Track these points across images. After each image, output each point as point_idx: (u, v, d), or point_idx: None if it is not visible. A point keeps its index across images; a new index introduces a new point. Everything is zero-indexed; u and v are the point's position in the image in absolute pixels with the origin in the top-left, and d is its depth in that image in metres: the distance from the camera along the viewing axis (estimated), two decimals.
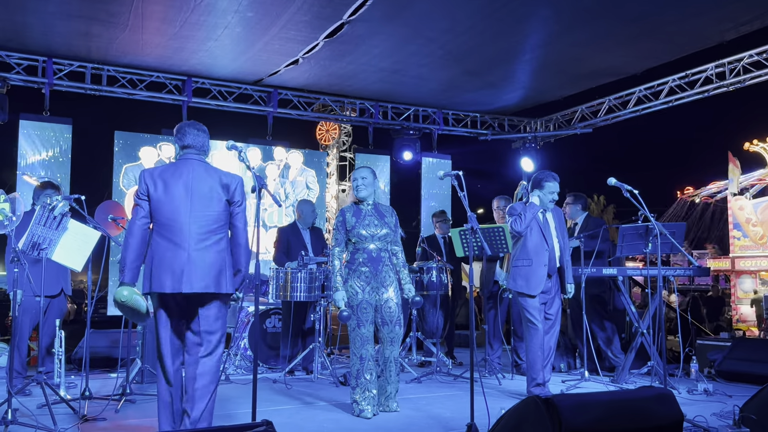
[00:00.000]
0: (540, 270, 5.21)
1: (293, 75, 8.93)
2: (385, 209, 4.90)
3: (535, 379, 5.21)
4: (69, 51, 8.15)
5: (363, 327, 4.68)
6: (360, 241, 4.74)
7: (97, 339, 6.71)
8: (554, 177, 5.33)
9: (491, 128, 11.18)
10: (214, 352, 3.62)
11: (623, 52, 8.25)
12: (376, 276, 4.72)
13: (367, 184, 4.81)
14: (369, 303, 4.69)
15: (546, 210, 5.35)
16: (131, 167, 8.82)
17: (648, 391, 3.26)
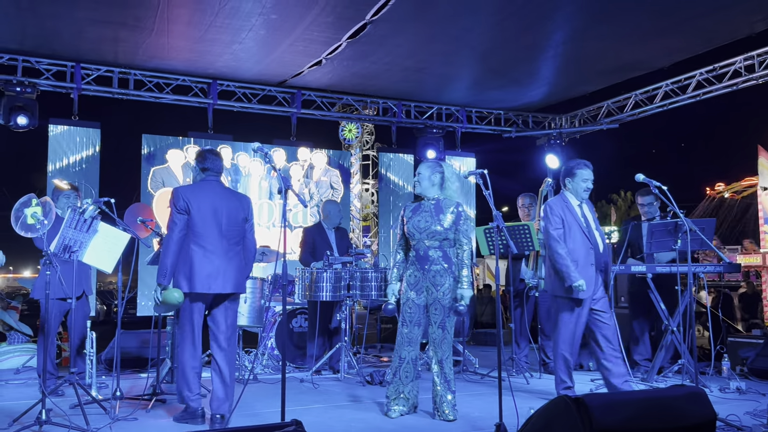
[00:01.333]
0: (588, 270, 4.90)
1: (316, 76, 8.96)
2: (447, 205, 4.59)
3: (565, 382, 5.03)
4: (97, 56, 8.28)
5: (406, 327, 4.55)
6: (412, 236, 4.58)
7: (127, 339, 6.81)
8: (586, 164, 5.03)
9: (515, 125, 11.12)
10: (234, 336, 4.53)
11: (649, 46, 8.14)
12: (425, 275, 4.52)
13: (422, 179, 4.61)
14: (415, 303, 4.53)
15: (582, 202, 5.06)
16: (159, 170, 8.93)
17: (680, 390, 3.22)
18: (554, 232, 4.95)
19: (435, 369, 4.59)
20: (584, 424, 2.70)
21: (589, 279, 4.87)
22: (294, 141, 9.91)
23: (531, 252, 6.44)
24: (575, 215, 4.97)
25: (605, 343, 4.93)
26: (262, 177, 9.65)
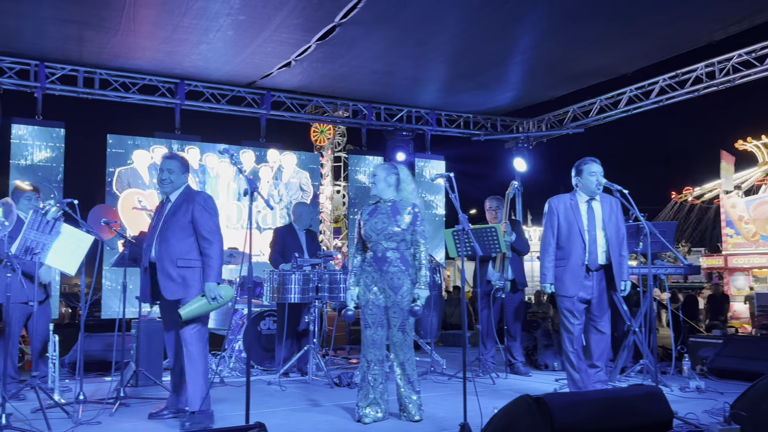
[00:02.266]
0: (576, 268, 4.88)
1: (286, 77, 8.95)
2: (402, 206, 4.55)
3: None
4: (61, 55, 8.15)
5: (369, 329, 4.51)
6: (368, 239, 4.53)
7: (91, 343, 6.71)
8: (592, 159, 4.96)
9: (484, 129, 11.23)
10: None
11: (614, 53, 8.30)
12: (383, 277, 4.47)
13: (377, 181, 4.57)
14: (376, 304, 4.49)
15: (593, 198, 4.95)
16: (124, 171, 8.82)
17: (638, 390, 3.30)
18: (544, 232, 5.06)
19: (398, 371, 4.57)
20: (545, 423, 2.76)
21: (576, 280, 4.85)
22: (263, 142, 9.88)
23: (498, 254, 6.51)
24: (577, 214, 4.92)
25: (589, 351, 4.97)
26: (230, 178, 9.59)
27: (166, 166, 4.39)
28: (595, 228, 4.89)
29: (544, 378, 6.44)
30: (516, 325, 6.79)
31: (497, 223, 6.59)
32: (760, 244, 17.79)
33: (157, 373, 6.05)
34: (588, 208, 4.94)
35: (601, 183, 4.88)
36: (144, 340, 6.01)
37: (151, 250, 4.36)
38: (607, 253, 4.88)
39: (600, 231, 4.90)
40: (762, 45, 8.29)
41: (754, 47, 8.36)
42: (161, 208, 4.51)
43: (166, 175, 4.37)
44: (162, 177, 4.38)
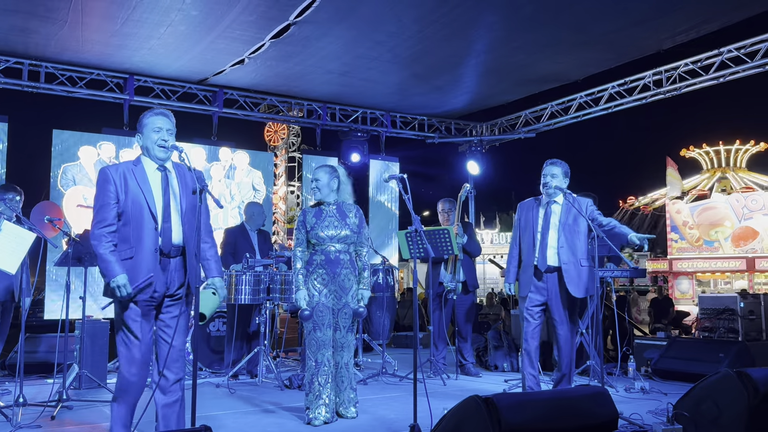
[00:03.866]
0: (529, 270, 4.95)
1: (239, 75, 8.83)
2: (348, 209, 4.68)
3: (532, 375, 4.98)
4: (5, 46, 7.87)
5: (319, 330, 4.51)
6: (319, 242, 4.56)
7: (32, 344, 6.49)
8: (552, 161, 4.97)
9: (438, 131, 11.30)
10: None
11: (565, 59, 8.46)
12: (334, 279, 4.55)
13: (321, 186, 4.64)
14: (326, 306, 4.54)
15: (553, 201, 4.97)
16: (70, 166, 8.56)
17: (585, 390, 3.35)
18: (512, 235, 5.18)
19: (342, 372, 4.63)
20: (493, 423, 2.78)
21: (529, 281, 4.94)
22: (215, 140, 9.73)
23: (450, 256, 6.55)
24: (535, 216, 5.00)
25: (555, 351, 5.06)
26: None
27: (166, 125, 3.58)
28: (549, 229, 4.92)
29: (494, 379, 6.51)
30: (467, 326, 6.85)
31: (450, 225, 6.63)
32: (704, 249, 18.39)
33: (101, 375, 5.89)
34: (546, 211, 4.98)
35: (547, 185, 4.92)
36: (88, 341, 5.84)
37: (172, 231, 3.53)
38: (558, 256, 4.89)
39: (553, 232, 4.91)
40: (707, 55, 8.55)
41: (700, 57, 8.62)
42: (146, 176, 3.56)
43: (167, 135, 3.56)
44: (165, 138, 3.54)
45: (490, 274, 23.85)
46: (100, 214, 3.45)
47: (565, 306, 4.93)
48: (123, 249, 3.43)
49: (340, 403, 4.63)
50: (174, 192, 3.57)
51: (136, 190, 3.46)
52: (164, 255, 3.48)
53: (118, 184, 3.45)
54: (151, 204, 3.46)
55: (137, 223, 3.44)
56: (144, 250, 3.43)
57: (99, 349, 5.96)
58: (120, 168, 3.52)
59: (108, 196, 3.44)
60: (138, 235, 3.43)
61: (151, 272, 3.44)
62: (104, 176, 3.47)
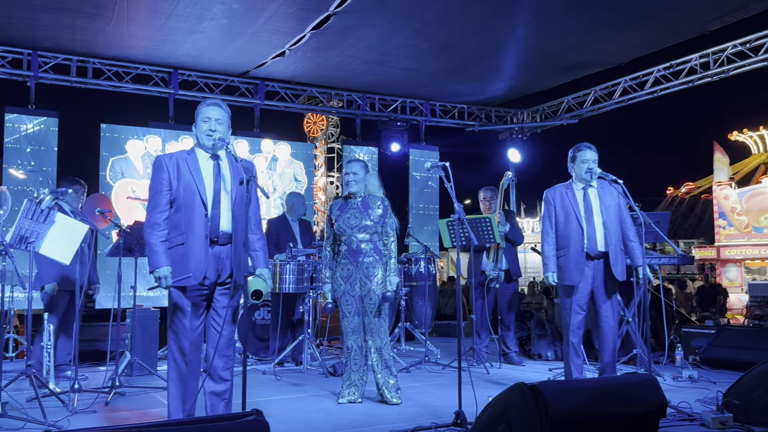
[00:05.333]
0: (577, 257, 4.82)
1: (280, 67, 8.91)
2: (372, 200, 4.81)
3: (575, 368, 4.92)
4: (54, 44, 8.09)
5: (346, 318, 4.77)
6: (342, 234, 4.76)
7: (85, 332, 6.71)
8: (587, 145, 4.91)
9: (478, 119, 11.23)
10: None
11: (609, 43, 8.30)
12: (358, 267, 4.71)
13: (358, 179, 4.79)
14: (351, 295, 4.73)
15: (589, 185, 4.93)
16: (118, 160, 8.79)
17: (633, 378, 3.32)
18: (542, 223, 5.07)
19: (374, 357, 4.76)
20: (540, 411, 2.78)
21: (577, 268, 4.81)
22: (257, 132, 9.85)
23: (492, 244, 6.53)
24: (573, 202, 4.90)
25: (599, 342, 4.97)
26: None
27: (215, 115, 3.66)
28: (592, 214, 4.87)
29: (538, 367, 6.48)
30: (510, 315, 6.82)
31: (491, 214, 6.61)
32: (753, 235, 17.89)
33: (152, 362, 6.06)
34: (584, 195, 4.92)
35: (594, 171, 4.86)
36: (139, 329, 6.02)
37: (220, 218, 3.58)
38: (605, 240, 4.84)
39: (597, 217, 4.87)
40: (757, 36, 8.30)
41: (749, 38, 8.37)
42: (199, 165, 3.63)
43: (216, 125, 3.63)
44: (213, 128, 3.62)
45: (531, 263, 23.64)
46: (153, 201, 3.58)
47: (610, 292, 4.88)
48: (174, 235, 3.54)
49: (381, 388, 4.74)
50: (225, 181, 3.65)
51: (188, 178, 3.56)
52: (213, 242, 3.57)
53: (171, 171, 3.56)
54: (201, 191, 3.55)
55: (188, 209, 3.54)
56: (194, 236, 3.52)
57: (149, 337, 6.13)
58: (174, 156, 3.63)
59: (161, 184, 3.56)
60: (189, 222, 3.53)
61: (201, 258, 3.52)
62: (159, 164, 3.60)
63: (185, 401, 3.60)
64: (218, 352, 3.61)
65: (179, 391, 3.59)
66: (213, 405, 3.66)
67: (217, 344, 3.61)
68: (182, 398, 3.59)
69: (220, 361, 3.63)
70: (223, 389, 3.67)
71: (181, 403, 3.59)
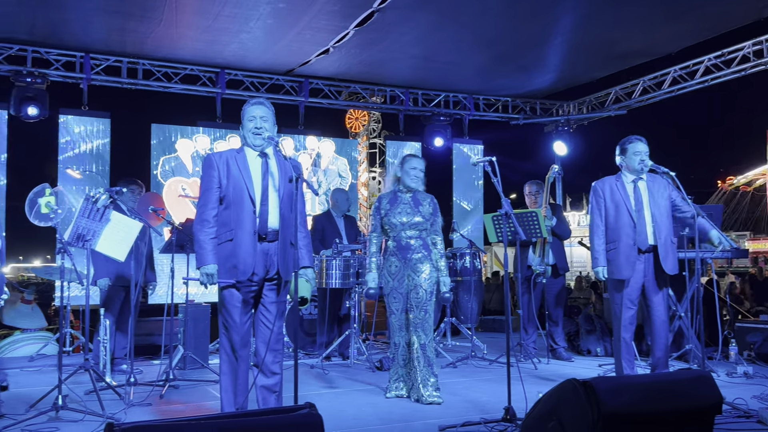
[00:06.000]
0: (627, 251, 4.76)
1: (324, 64, 8.98)
2: (423, 197, 4.79)
3: (624, 366, 4.85)
4: (105, 46, 8.31)
5: (394, 315, 4.74)
6: (391, 228, 4.73)
7: (140, 327, 6.90)
8: (638, 138, 4.84)
9: (523, 112, 11.11)
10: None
11: (657, 32, 8.11)
12: (406, 264, 4.68)
13: (420, 174, 4.76)
14: (399, 292, 4.70)
15: (639, 178, 4.85)
16: (168, 159, 8.99)
17: (687, 374, 3.26)
18: (591, 216, 5.01)
19: (418, 353, 4.67)
20: (592, 407, 2.75)
21: (628, 262, 4.75)
22: (302, 130, 9.95)
23: (538, 239, 6.47)
24: (624, 194, 4.83)
25: (651, 338, 4.90)
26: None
27: (260, 113, 3.74)
28: (643, 208, 4.80)
29: (587, 363, 6.40)
30: (558, 310, 6.75)
31: (537, 208, 6.55)
32: None
33: (203, 356, 6.20)
34: (634, 188, 4.84)
35: (646, 163, 4.77)
36: (191, 324, 6.17)
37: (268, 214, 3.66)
38: (655, 234, 4.77)
39: (647, 210, 4.80)
40: None
41: None
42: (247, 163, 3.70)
43: (261, 123, 3.72)
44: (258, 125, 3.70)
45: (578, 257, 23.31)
46: (204, 198, 3.67)
47: (661, 286, 4.81)
48: (223, 232, 3.63)
49: (419, 385, 4.63)
50: (273, 178, 3.72)
51: (237, 176, 3.64)
52: (262, 238, 3.64)
53: (221, 169, 3.65)
54: (250, 189, 3.63)
55: (237, 206, 3.62)
56: (243, 232, 3.61)
57: (201, 332, 6.28)
58: (224, 155, 3.72)
59: (211, 181, 3.65)
60: (238, 219, 3.61)
61: (249, 254, 3.60)
62: (209, 162, 3.68)
63: (237, 395, 3.68)
64: (268, 347, 3.68)
65: (232, 385, 3.67)
66: (264, 398, 3.73)
67: (268, 339, 3.68)
68: (235, 392, 3.68)
69: (270, 356, 3.70)
70: (274, 383, 3.74)
71: (233, 397, 3.68)
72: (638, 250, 4.77)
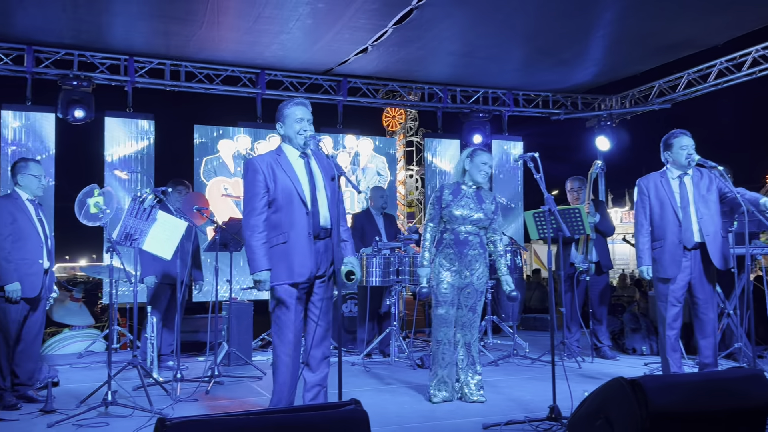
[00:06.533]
0: (671, 249, 4.70)
1: (362, 63, 9.00)
2: (486, 195, 4.69)
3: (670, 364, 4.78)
4: (149, 49, 8.48)
5: (441, 308, 4.57)
6: (451, 221, 4.57)
7: (185, 324, 7.03)
8: (683, 132, 4.74)
9: (564, 107, 10.97)
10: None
11: (702, 23, 7.91)
12: (461, 259, 4.55)
13: (489, 170, 4.64)
14: (451, 284, 4.55)
15: (685, 173, 4.77)
16: (210, 159, 9.13)
17: (738, 372, 3.18)
18: (636, 214, 4.93)
19: (462, 352, 4.64)
20: (640, 406, 2.71)
21: (673, 260, 4.68)
22: (340, 128, 9.99)
23: (581, 236, 6.38)
24: (669, 191, 4.75)
25: (699, 336, 4.78)
26: None
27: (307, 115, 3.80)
28: (689, 204, 4.70)
29: (632, 362, 6.31)
30: (602, 308, 6.66)
31: (580, 204, 6.46)
32: None
33: (247, 353, 6.29)
34: (680, 184, 4.75)
35: (693, 157, 4.66)
36: (234, 321, 6.26)
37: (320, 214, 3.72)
38: (702, 230, 4.66)
39: (693, 207, 4.70)
40: None
41: None
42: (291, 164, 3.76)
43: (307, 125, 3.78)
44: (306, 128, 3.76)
45: (621, 254, 22.93)
46: (251, 204, 3.65)
47: (708, 283, 4.71)
48: (275, 235, 3.63)
49: (464, 384, 4.63)
50: (317, 178, 3.75)
51: (285, 178, 3.66)
52: (315, 238, 3.67)
53: (267, 173, 3.66)
54: (300, 190, 3.66)
55: (288, 209, 3.64)
56: (298, 234, 3.62)
57: (245, 329, 6.37)
58: (265, 158, 3.73)
59: (258, 186, 3.64)
60: (290, 221, 3.63)
61: (307, 256, 3.62)
62: (253, 167, 3.67)
63: (287, 391, 3.72)
64: (316, 343, 3.72)
65: (283, 382, 3.71)
66: (312, 394, 3.76)
67: (315, 335, 3.71)
68: (284, 388, 3.72)
69: (318, 351, 3.74)
70: (321, 378, 3.78)
71: (284, 393, 3.72)
72: (684, 248, 4.68)
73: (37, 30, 7.73)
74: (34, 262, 4.72)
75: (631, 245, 5.39)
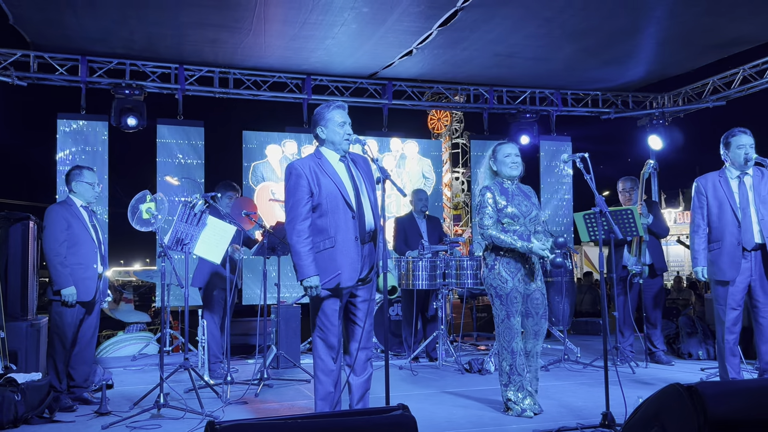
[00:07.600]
0: (730, 251, 4.55)
1: (407, 66, 8.99)
2: (527, 189, 4.48)
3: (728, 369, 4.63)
4: (198, 58, 8.66)
5: (513, 318, 4.26)
6: (510, 222, 4.27)
7: (235, 327, 7.13)
8: (742, 130, 4.59)
9: (614, 106, 10.74)
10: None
11: (757, 18, 7.63)
12: (526, 262, 4.31)
13: (520, 161, 4.40)
14: (519, 292, 4.28)
15: (744, 173, 4.63)
16: (258, 165, 9.26)
17: None
18: (692, 214, 4.81)
19: (531, 360, 4.38)
20: (698, 413, 2.61)
21: (734, 262, 4.54)
22: (386, 132, 10.00)
23: (634, 237, 6.23)
24: (728, 191, 4.61)
25: (759, 341, 4.61)
26: None
27: (348, 119, 3.81)
28: (749, 205, 4.55)
29: (688, 367, 6.12)
30: (656, 312, 6.48)
31: (632, 205, 6.31)
32: None
33: (295, 356, 6.34)
34: (739, 184, 4.60)
35: (750, 156, 4.52)
36: (283, 324, 6.32)
37: (365, 218, 3.72)
38: (762, 231, 4.51)
39: (753, 207, 4.55)
40: None
41: None
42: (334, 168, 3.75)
43: (350, 129, 3.79)
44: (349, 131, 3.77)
45: (675, 256, 22.30)
46: (295, 210, 3.61)
47: None
48: (321, 240, 3.61)
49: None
50: (360, 180, 3.75)
51: (329, 183, 3.65)
52: (362, 241, 3.66)
53: (310, 178, 3.64)
54: (345, 194, 3.64)
55: (334, 213, 3.62)
56: (345, 239, 3.60)
57: (293, 332, 6.42)
58: (307, 163, 3.70)
59: (302, 191, 3.61)
60: (336, 225, 3.61)
61: (355, 260, 3.60)
62: (296, 172, 3.63)
63: (332, 394, 3.73)
64: (361, 345, 3.71)
65: (327, 385, 3.71)
66: (357, 396, 3.76)
67: (360, 337, 3.70)
68: (329, 391, 3.72)
69: (362, 354, 3.73)
70: (365, 380, 3.77)
71: (329, 396, 3.72)
72: (744, 250, 4.53)
73: (91, 41, 7.99)
74: (89, 266, 4.85)
75: (686, 246, 5.22)
